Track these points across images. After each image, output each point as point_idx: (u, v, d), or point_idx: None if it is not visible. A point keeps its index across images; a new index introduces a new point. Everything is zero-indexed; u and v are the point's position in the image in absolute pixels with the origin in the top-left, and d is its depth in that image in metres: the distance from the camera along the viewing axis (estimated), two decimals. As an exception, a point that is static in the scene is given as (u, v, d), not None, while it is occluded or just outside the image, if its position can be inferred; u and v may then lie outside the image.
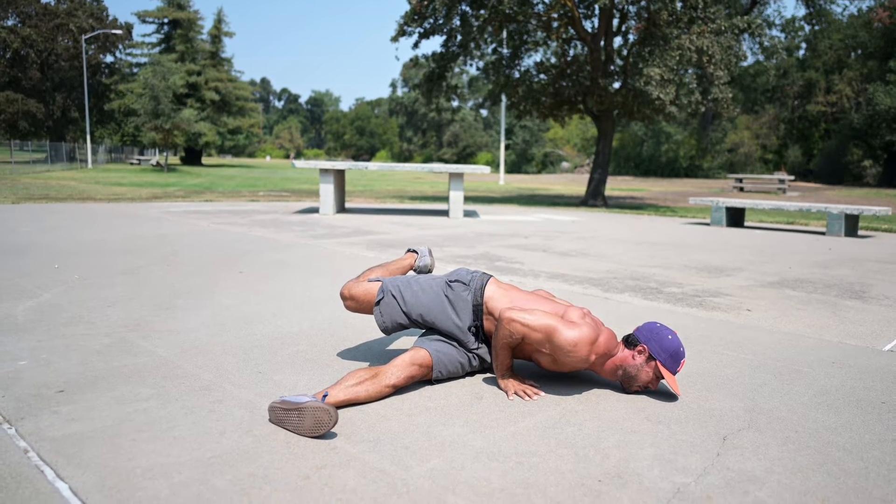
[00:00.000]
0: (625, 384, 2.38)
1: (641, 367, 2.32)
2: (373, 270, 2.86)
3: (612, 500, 1.62)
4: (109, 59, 42.47)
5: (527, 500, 1.61)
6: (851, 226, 8.55)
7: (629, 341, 2.37)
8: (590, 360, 2.29)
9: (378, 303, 2.58)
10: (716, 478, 1.75)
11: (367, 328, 3.23)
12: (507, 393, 2.34)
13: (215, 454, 1.81)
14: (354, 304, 2.65)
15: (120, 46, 42.38)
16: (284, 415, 1.97)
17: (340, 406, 2.14)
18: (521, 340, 2.32)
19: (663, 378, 2.29)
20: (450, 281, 2.58)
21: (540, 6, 14.83)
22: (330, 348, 2.87)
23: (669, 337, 2.31)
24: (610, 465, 1.81)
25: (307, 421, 1.91)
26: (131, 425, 1.99)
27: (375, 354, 2.79)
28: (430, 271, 3.03)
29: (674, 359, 2.30)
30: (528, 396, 2.31)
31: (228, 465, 1.75)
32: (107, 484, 1.63)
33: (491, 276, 2.62)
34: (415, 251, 3.04)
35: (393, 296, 2.57)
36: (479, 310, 2.50)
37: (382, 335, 3.08)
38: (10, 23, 37.03)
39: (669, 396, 2.37)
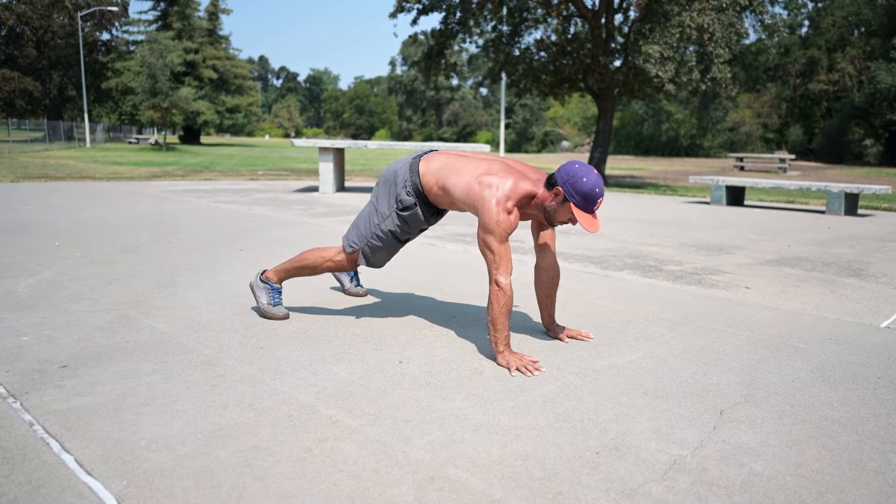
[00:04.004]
0: (547, 220, 2.53)
1: (558, 207, 2.44)
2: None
3: (610, 472, 1.64)
4: (106, 36, 42.14)
5: (525, 471, 1.64)
6: (851, 204, 8.55)
7: (550, 182, 2.46)
8: (510, 207, 2.42)
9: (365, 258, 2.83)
10: (712, 450, 1.78)
11: (367, 304, 3.25)
12: (509, 370, 2.36)
13: (218, 427, 1.83)
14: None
15: (116, 23, 41.99)
16: None
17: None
18: (510, 290, 2.42)
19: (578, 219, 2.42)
20: (399, 211, 2.72)
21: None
22: (331, 324, 2.88)
23: (584, 179, 2.37)
24: (608, 438, 1.83)
25: None
26: (134, 399, 2.01)
27: (376, 331, 2.81)
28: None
29: (588, 200, 2.39)
30: (531, 372, 2.33)
31: (231, 437, 1.77)
32: (112, 456, 1.65)
33: (418, 166, 2.69)
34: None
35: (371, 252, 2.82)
36: (429, 206, 2.72)
37: (382, 312, 3.12)
38: (4, -1, 36.66)
39: (667, 371, 2.39)
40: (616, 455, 1.73)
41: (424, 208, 2.71)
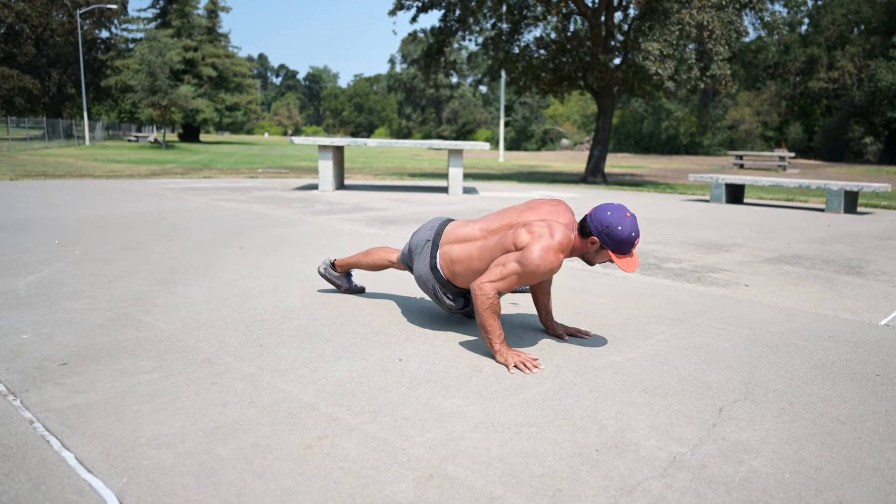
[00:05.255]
0: (586, 262, 2.56)
1: (597, 253, 2.48)
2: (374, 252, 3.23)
3: (609, 469, 1.65)
4: (105, 34, 42.04)
5: (525, 468, 1.64)
6: (851, 202, 8.55)
7: (584, 231, 2.47)
8: (561, 259, 2.42)
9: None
10: (711, 447, 1.78)
11: (367, 302, 3.25)
12: (507, 367, 2.36)
13: (218, 425, 1.84)
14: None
15: (115, 21, 41.91)
16: None
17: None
18: (500, 296, 2.43)
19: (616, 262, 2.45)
20: (459, 311, 2.84)
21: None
22: (331, 322, 2.89)
23: (619, 228, 2.38)
24: (607, 436, 1.84)
25: None
26: (134, 397, 2.01)
27: (376, 329, 2.82)
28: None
29: (625, 246, 2.41)
30: (529, 369, 2.33)
31: (232, 435, 1.78)
32: (112, 453, 1.66)
33: (444, 276, 2.74)
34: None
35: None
36: (451, 286, 2.76)
37: (382, 310, 3.12)
38: (3, -3, 36.57)
39: (666, 368, 2.39)
40: (615, 452, 1.74)
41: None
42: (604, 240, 2.41)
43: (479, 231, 2.67)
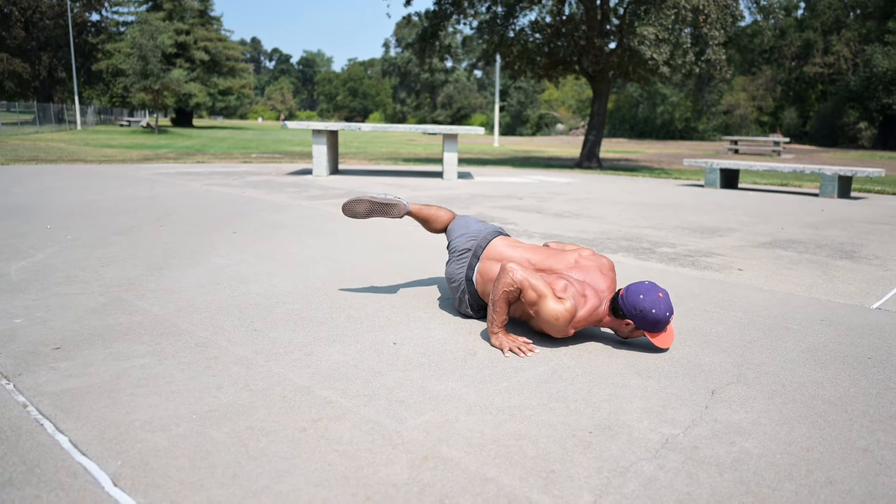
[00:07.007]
0: (616, 334, 2.54)
1: (632, 332, 2.45)
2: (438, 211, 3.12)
3: (602, 450, 1.66)
4: (95, 17, 41.59)
5: (519, 450, 1.65)
6: (844, 187, 8.57)
7: (617, 313, 2.44)
8: (568, 332, 2.41)
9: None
10: (703, 429, 1.79)
11: (361, 286, 3.25)
12: (502, 351, 2.37)
13: (213, 408, 1.84)
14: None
15: (106, 4, 41.43)
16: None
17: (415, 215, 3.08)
18: (519, 293, 2.39)
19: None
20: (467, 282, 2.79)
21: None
22: (325, 306, 2.89)
23: (654, 311, 2.35)
24: (600, 418, 1.85)
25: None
26: (129, 381, 2.01)
27: (370, 313, 2.82)
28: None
29: (659, 326, 2.38)
30: (524, 353, 2.34)
31: (226, 418, 1.78)
32: (106, 436, 1.66)
33: (474, 272, 2.74)
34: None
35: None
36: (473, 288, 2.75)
37: (376, 293, 3.12)
38: (-9, -21, 36.09)
39: (660, 352, 2.41)
40: (608, 434, 1.75)
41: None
42: (638, 323, 2.39)
43: (526, 262, 2.65)
